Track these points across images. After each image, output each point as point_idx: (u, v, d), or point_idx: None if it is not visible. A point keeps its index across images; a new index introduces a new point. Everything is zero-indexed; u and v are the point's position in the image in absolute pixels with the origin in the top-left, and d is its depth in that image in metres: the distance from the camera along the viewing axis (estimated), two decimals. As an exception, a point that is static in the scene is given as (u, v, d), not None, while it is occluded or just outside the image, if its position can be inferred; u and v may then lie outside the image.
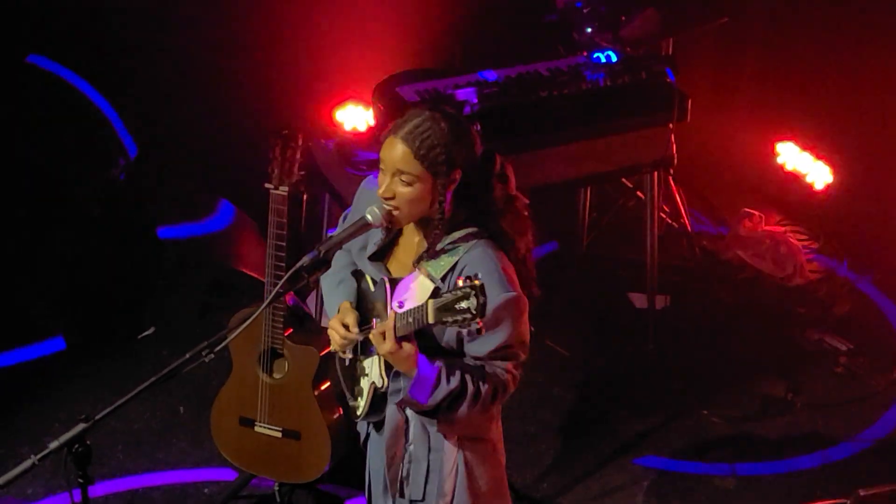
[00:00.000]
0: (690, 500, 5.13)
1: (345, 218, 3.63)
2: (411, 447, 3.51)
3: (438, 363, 3.24)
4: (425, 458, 3.50)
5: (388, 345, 3.18)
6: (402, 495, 3.58)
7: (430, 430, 3.44)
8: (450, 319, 3.03)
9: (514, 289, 3.24)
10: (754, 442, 5.45)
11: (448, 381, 3.23)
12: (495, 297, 3.18)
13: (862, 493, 4.11)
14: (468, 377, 3.26)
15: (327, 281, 3.60)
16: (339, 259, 3.63)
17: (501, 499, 3.66)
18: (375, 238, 3.45)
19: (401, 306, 3.24)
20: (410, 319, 3.15)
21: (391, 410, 3.53)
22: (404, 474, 3.54)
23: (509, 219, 3.34)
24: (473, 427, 3.45)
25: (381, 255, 3.46)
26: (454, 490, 3.50)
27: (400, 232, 3.43)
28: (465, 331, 3.11)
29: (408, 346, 3.19)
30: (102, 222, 6.53)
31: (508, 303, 3.22)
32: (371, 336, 3.24)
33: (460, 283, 3.01)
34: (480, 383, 3.27)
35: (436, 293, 3.21)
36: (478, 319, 3.00)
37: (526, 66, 5.63)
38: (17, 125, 6.95)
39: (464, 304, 3.00)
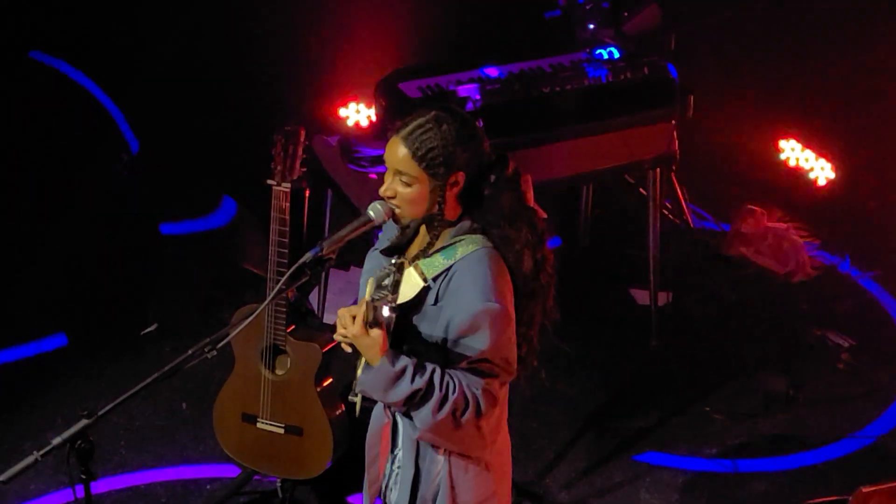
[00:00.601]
0: (692, 497, 5.14)
1: None
2: (399, 452, 3.50)
3: (408, 361, 3.18)
4: (412, 465, 3.45)
5: (353, 328, 3.14)
6: (384, 499, 3.57)
7: (415, 436, 3.37)
8: (377, 296, 3.05)
9: (497, 299, 3.18)
10: (756, 438, 5.45)
11: (413, 379, 3.16)
12: (475, 305, 3.17)
13: (864, 489, 4.10)
14: (437, 381, 3.18)
15: (361, 280, 3.59)
16: (374, 259, 3.59)
17: None
18: (391, 238, 3.44)
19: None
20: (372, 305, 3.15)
21: (377, 411, 3.52)
22: (391, 481, 3.53)
23: (519, 228, 3.27)
24: (455, 441, 3.34)
25: (397, 251, 3.44)
26: (435, 499, 3.48)
27: (418, 230, 3.42)
28: (386, 309, 3.07)
29: (374, 333, 3.13)
30: (105, 218, 6.54)
31: (486, 314, 3.17)
32: (341, 318, 3.19)
33: (393, 261, 3.00)
34: (450, 390, 3.19)
35: (424, 292, 3.22)
36: (391, 296, 2.99)
37: (528, 62, 5.62)
38: (19, 121, 6.96)
39: (385, 282, 3.01)
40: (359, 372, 3.35)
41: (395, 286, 3.01)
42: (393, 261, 3.02)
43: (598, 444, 5.38)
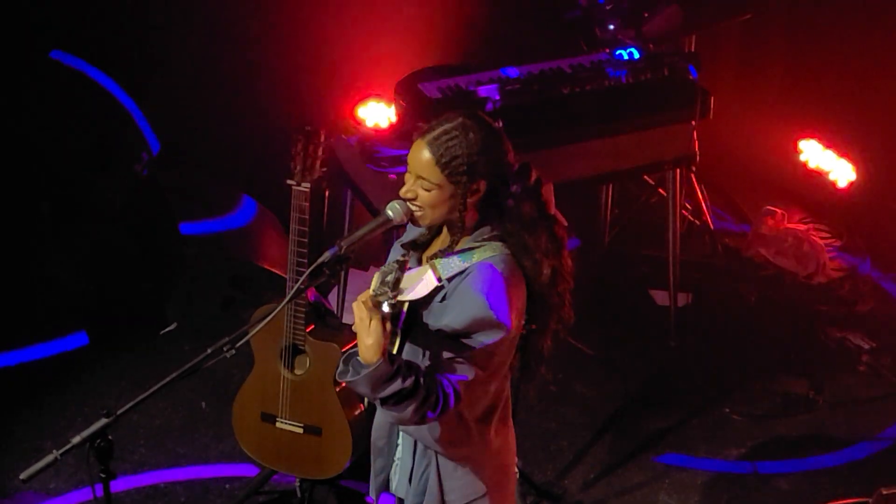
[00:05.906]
0: (711, 498, 5.12)
1: None
2: (399, 445, 3.52)
3: (400, 360, 3.16)
4: (410, 457, 3.49)
5: (362, 308, 3.09)
6: (387, 488, 3.61)
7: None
8: (379, 291, 3.03)
9: (494, 307, 3.16)
10: (776, 440, 5.44)
11: (404, 379, 3.12)
12: (474, 310, 3.15)
13: (884, 491, 4.10)
14: (422, 381, 3.16)
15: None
16: (398, 251, 3.58)
17: None
18: (416, 232, 3.44)
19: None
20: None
21: None
22: (393, 471, 3.56)
23: (539, 237, 3.26)
24: (431, 438, 3.37)
25: (421, 246, 3.44)
26: (425, 491, 3.49)
27: (441, 229, 3.40)
28: (385, 305, 3.04)
29: (374, 325, 3.08)
30: (125, 218, 6.55)
31: (482, 321, 3.16)
32: (354, 305, 3.16)
33: (398, 258, 3.00)
34: (430, 392, 3.16)
35: (436, 292, 3.22)
36: (391, 294, 3.00)
37: (548, 62, 5.62)
38: (39, 120, 6.98)
39: (388, 278, 3.01)
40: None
41: (395, 284, 3.00)
42: (398, 258, 3.01)
43: (617, 444, 5.38)
